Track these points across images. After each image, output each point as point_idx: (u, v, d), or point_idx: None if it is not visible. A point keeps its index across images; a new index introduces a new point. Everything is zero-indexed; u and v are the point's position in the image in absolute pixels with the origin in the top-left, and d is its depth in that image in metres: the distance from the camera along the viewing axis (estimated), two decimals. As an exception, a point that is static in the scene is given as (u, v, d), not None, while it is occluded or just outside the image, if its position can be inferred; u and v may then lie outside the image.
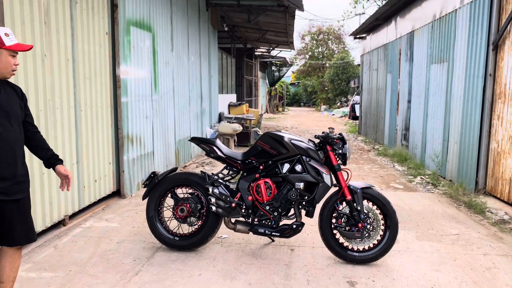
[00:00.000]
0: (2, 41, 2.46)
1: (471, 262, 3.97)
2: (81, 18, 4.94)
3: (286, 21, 12.94)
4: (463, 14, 7.03)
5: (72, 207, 4.81)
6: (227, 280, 3.49)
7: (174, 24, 8.05)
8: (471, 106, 6.66)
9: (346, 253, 3.85)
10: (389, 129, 11.73)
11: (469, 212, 5.62)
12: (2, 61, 2.49)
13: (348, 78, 31.76)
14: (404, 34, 10.42)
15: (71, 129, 4.77)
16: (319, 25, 39.37)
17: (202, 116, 10.46)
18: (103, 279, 3.45)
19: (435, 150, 8.03)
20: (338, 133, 4.03)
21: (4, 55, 2.49)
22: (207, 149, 4.08)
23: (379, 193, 3.86)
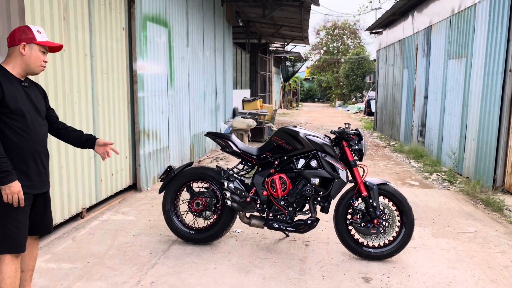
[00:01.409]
0: (34, 36, 2.55)
1: (489, 260, 3.92)
2: (98, 14, 5.00)
3: (301, 16, 12.88)
4: (483, 8, 6.90)
5: (89, 200, 4.89)
6: (242, 274, 3.52)
7: (190, 20, 8.08)
8: (490, 103, 6.55)
9: (361, 249, 3.84)
10: (405, 125, 11.61)
11: (486, 210, 5.55)
12: (33, 55, 2.56)
13: (364, 74, 31.47)
14: (421, 29, 10.28)
15: (89, 123, 4.84)
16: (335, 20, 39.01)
17: (217, 111, 10.50)
18: (120, 271, 3.51)
19: (452, 147, 7.93)
20: (354, 128, 4.01)
21: (34, 49, 2.56)
22: (223, 144, 4.11)
23: (395, 190, 3.84)
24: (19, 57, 2.54)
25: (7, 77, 2.50)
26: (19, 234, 2.51)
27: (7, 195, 2.41)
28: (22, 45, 2.52)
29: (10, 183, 2.40)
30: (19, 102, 2.51)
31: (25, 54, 2.54)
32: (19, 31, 2.55)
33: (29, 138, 2.55)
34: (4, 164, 2.39)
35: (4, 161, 2.39)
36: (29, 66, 2.57)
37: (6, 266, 2.51)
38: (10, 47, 2.57)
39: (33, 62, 2.57)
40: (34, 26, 2.59)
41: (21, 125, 2.51)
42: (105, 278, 3.38)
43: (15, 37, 2.54)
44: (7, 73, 2.52)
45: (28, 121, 2.54)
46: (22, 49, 2.53)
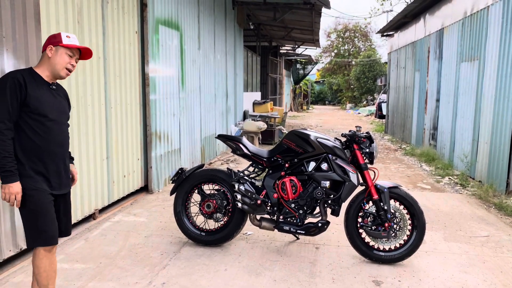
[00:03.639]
0: (61, 40, 2.62)
1: (501, 264, 3.88)
2: (112, 17, 5.07)
3: (312, 18, 12.88)
4: (496, 10, 6.84)
5: (102, 201, 4.95)
6: (252, 276, 3.53)
7: (201, 23, 8.14)
8: (503, 106, 6.47)
9: (372, 253, 3.83)
10: (417, 128, 11.52)
11: (499, 214, 5.49)
12: (58, 58, 2.62)
13: (375, 76, 31.31)
14: (433, 31, 10.21)
15: (102, 126, 4.90)
16: (346, 22, 38.93)
17: (227, 113, 10.54)
18: (132, 272, 3.55)
19: (464, 150, 7.85)
20: (365, 131, 4.00)
21: (60, 52, 2.62)
22: (234, 146, 4.13)
23: (406, 193, 3.82)
24: (46, 60, 2.62)
25: (35, 79, 2.57)
26: (51, 227, 2.59)
27: (5, 194, 2.46)
28: (49, 48, 2.61)
29: (10, 183, 2.45)
30: (43, 104, 2.56)
31: (51, 57, 2.61)
32: (50, 37, 2.66)
33: (49, 139, 2.60)
34: (9, 164, 2.44)
35: (10, 161, 2.44)
36: (55, 69, 2.62)
37: (41, 260, 2.59)
38: (42, 52, 2.67)
39: (58, 64, 2.62)
40: (65, 32, 2.69)
41: (42, 126, 2.56)
42: (117, 279, 3.42)
43: (46, 42, 2.65)
44: (36, 75, 2.59)
45: (49, 122, 2.60)
46: (49, 51, 2.61)
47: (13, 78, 2.48)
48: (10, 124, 2.47)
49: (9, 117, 2.45)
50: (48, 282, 2.64)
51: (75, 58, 2.71)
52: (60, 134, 2.69)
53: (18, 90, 2.47)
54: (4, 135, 2.43)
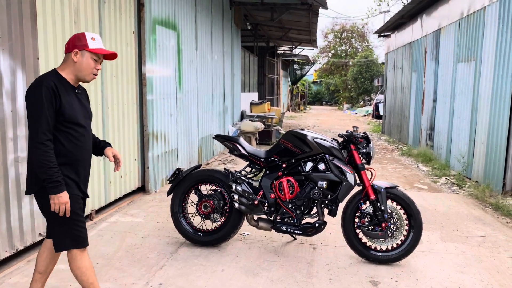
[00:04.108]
0: (87, 43, 2.54)
1: (498, 264, 3.89)
2: (108, 18, 5.06)
3: (309, 19, 12.89)
4: (492, 11, 6.87)
5: (98, 202, 4.94)
6: (250, 277, 3.53)
7: (199, 23, 8.14)
8: (500, 106, 6.50)
9: (369, 253, 3.83)
10: (414, 129, 11.55)
11: (496, 214, 5.50)
12: (84, 62, 2.55)
13: (372, 77, 31.36)
14: (430, 32, 10.24)
15: (98, 126, 4.89)
16: (343, 23, 38.96)
17: (225, 114, 10.54)
18: (128, 273, 3.54)
19: (461, 151, 7.87)
20: (362, 132, 4.01)
21: (86, 57, 2.55)
22: (231, 146, 4.13)
23: (403, 193, 3.83)
24: (71, 64, 2.55)
25: (63, 84, 2.51)
26: (84, 231, 2.61)
27: (55, 205, 2.43)
28: (74, 52, 2.52)
29: (59, 193, 2.42)
30: (74, 110, 2.53)
31: (76, 61, 2.54)
32: (74, 38, 2.56)
33: (81, 146, 2.59)
34: (55, 174, 2.40)
35: (56, 171, 2.41)
36: (81, 73, 2.57)
37: (81, 260, 2.61)
38: (66, 53, 2.58)
39: (84, 70, 2.56)
40: (89, 33, 2.59)
41: (75, 133, 2.54)
42: (114, 280, 3.41)
43: (70, 43, 2.55)
44: (63, 80, 2.53)
45: (81, 129, 2.58)
46: (74, 56, 2.53)
47: (47, 86, 2.40)
48: (50, 135, 2.42)
49: (48, 127, 2.41)
50: (94, 278, 2.67)
51: (100, 61, 2.65)
52: (89, 140, 2.69)
53: (53, 98, 2.42)
54: (47, 146, 2.39)
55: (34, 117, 2.40)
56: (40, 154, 2.37)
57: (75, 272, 2.62)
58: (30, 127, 2.42)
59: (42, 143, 2.38)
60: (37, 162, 2.39)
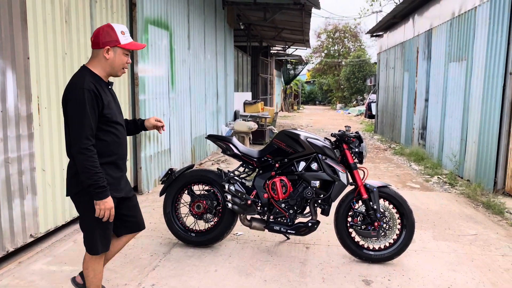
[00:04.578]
0: (118, 39, 2.47)
1: (489, 263, 3.92)
2: (100, 17, 5.02)
3: (302, 19, 12.91)
4: (483, 11, 6.92)
5: (90, 202, 4.90)
6: (243, 277, 3.52)
7: (191, 23, 8.11)
8: (490, 105, 6.55)
9: (361, 252, 3.84)
10: (406, 128, 11.61)
11: (487, 213, 5.55)
12: (116, 59, 2.50)
13: (364, 77, 31.49)
14: (422, 32, 10.30)
15: (90, 126, 4.85)
16: (335, 23, 39.07)
17: (218, 114, 10.52)
18: (121, 274, 3.52)
19: (453, 150, 7.93)
20: (355, 131, 4.02)
21: (118, 53, 2.50)
22: (224, 146, 4.12)
23: (395, 192, 3.84)
24: (103, 60, 2.48)
25: (100, 83, 2.47)
26: (110, 236, 2.63)
27: (100, 210, 2.42)
28: (106, 49, 2.46)
29: (104, 198, 2.40)
30: (112, 109, 2.51)
31: (108, 58, 2.48)
32: (103, 33, 2.46)
33: (121, 143, 2.59)
34: (101, 180, 2.37)
35: (101, 176, 2.37)
36: (113, 69, 2.53)
37: (98, 264, 2.64)
38: (94, 49, 2.50)
39: (117, 66, 2.52)
40: (117, 25, 2.51)
41: (115, 131, 2.53)
42: (106, 281, 3.38)
43: (100, 39, 2.45)
44: (97, 78, 2.48)
45: (119, 127, 2.57)
46: (106, 53, 2.47)
47: (89, 90, 2.36)
48: (93, 139, 2.39)
49: (91, 132, 2.37)
50: (100, 283, 2.71)
51: (130, 54, 2.61)
52: (125, 136, 2.67)
53: (95, 102, 2.39)
54: (91, 151, 2.35)
55: (76, 122, 2.34)
56: (84, 160, 2.33)
57: (86, 271, 2.65)
58: (72, 131, 2.36)
59: (86, 149, 2.34)
60: (82, 168, 2.34)
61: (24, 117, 3.75)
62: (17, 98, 3.67)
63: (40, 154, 3.99)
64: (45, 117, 4.04)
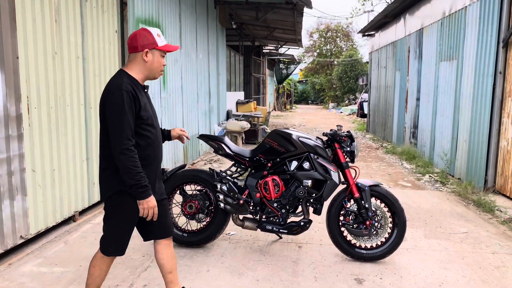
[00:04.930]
0: (155, 42, 2.51)
1: (480, 260, 3.95)
2: (91, 16, 4.99)
3: (294, 18, 12.91)
4: (473, 11, 6.98)
5: (82, 203, 4.87)
6: (235, 276, 3.52)
7: (183, 22, 8.09)
8: (481, 104, 6.61)
9: (353, 251, 3.86)
10: (398, 127, 11.68)
11: (478, 211, 5.59)
12: (155, 61, 2.53)
13: (357, 76, 31.61)
14: (413, 31, 10.36)
15: (81, 127, 4.82)
16: (328, 22, 39.19)
17: (210, 113, 10.50)
18: (113, 274, 3.49)
19: (444, 148, 7.99)
20: (346, 130, 4.03)
21: (156, 55, 2.53)
22: (216, 146, 4.11)
23: (387, 191, 3.86)
24: (141, 63, 2.51)
25: (137, 86, 2.48)
26: (126, 242, 2.62)
27: (143, 210, 2.44)
28: (145, 52, 2.49)
29: (147, 198, 2.42)
30: (148, 112, 2.53)
31: (148, 61, 2.51)
32: (140, 36, 2.50)
33: (156, 147, 2.59)
34: (143, 179, 2.39)
35: (142, 175, 2.39)
36: (152, 72, 2.56)
37: (106, 265, 2.64)
38: (132, 52, 2.53)
39: (156, 68, 2.55)
40: (153, 28, 2.55)
41: (151, 135, 2.54)
42: (98, 282, 3.36)
43: (138, 43, 2.49)
44: (136, 82, 2.50)
45: (154, 130, 2.57)
46: (145, 56, 2.49)
47: (127, 91, 2.38)
48: (134, 140, 2.41)
49: (131, 133, 2.39)
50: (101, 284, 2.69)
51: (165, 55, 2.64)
52: (161, 140, 2.68)
53: (133, 103, 2.41)
54: (132, 151, 2.37)
55: (116, 123, 2.36)
56: (126, 160, 2.34)
57: (92, 269, 2.63)
58: (113, 133, 2.38)
59: (127, 149, 2.35)
60: (124, 168, 2.36)
61: (13, 117, 3.71)
62: (6, 98, 3.63)
63: (30, 154, 3.95)
64: (35, 117, 4.00)
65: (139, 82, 2.54)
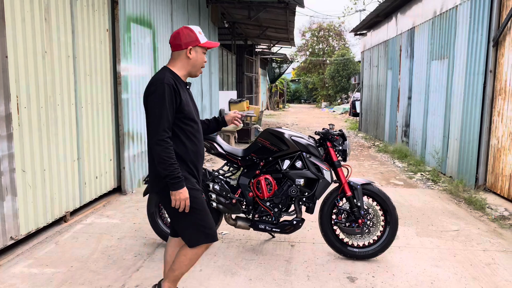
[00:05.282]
0: (198, 39, 2.59)
1: (471, 258, 3.98)
2: (81, 15, 4.94)
3: (286, 17, 12.92)
4: (464, 10, 7.02)
5: (73, 203, 4.83)
6: (228, 276, 3.51)
7: (175, 21, 8.05)
8: (472, 103, 6.66)
9: (346, 249, 3.87)
10: (390, 126, 11.73)
11: (469, 208, 5.64)
12: (198, 58, 2.62)
13: (349, 75, 31.72)
14: (405, 30, 10.41)
15: (72, 126, 4.78)
16: (320, 21, 39.29)
17: (203, 113, 10.46)
18: (104, 275, 3.47)
19: (435, 147, 8.04)
20: (338, 129, 4.04)
21: (199, 52, 2.62)
22: (208, 145, 4.09)
23: (379, 189, 3.87)
24: (185, 60, 2.60)
25: (179, 82, 2.55)
26: (212, 224, 2.66)
27: (175, 201, 2.47)
28: (188, 50, 2.57)
29: (180, 189, 2.45)
30: (190, 106, 2.58)
31: (191, 58, 2.59)
32: (183, 34, 2.57)
33: (198, 142, 2.64)
34: (176, 171, 2.43)
35: (176, 167, 2.44)
36: (194, 69, 2.64)
37: (196, 255, 2.65)
38: (175, 51, 2.60)
39: (198, 64, 2.64)
40: (194, 26, 2.62)
41: (192, 129, 2.60)
42: (89, 283, 3.34)
43: (181, 41, 2.56)
44: (178, 78, 2.57)
45: (195, 125, 2.62)
46: (189, 53, 2.57)
47: (168, 84, 2.45)
48: (170, 132, 2.47)
49: (169, 125, 2.46)
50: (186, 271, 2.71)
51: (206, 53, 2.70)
52: (202, 135, 2.72)
53: (174, 97, 2.47)
54: (168, 143, 2.43)
55: (155, 114, 2.44)
56: (161, 151, 2.41)
57: (181, 258, 2.63)
58: (151, 124, 2.45)
59: (163, 140, 2.42)
60: (159, 159, 2.42)
61: (2, 117, 3.67)
62: (-5, 98, 3.59)
63: (20, 154, 3.91)
64: (25, 117, 3.96)
65: (182, 78, 2.61)
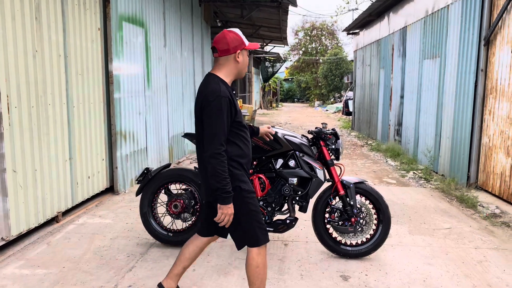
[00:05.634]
0: (244, 41, 2.59)
1: (463, 255, 4.01)
2: (72, 14, 4.90)
3: (279, 16, 12.92)
4: (455, 9, 7.07)
5: (65, 203, 4.79)
6: (221, 275, 3.50)
7: (167, 20, 8.02)
8: (463, 102, 6.70)
9: (339, 248, 3.88)
10: (382, 125, 11.78)
11: (461, 206, 5.68)
12: (245, 61, 2.62)
13: (342, 74, 31.80)
14: (397, 29, 10.45)
15: (64, 126, 4.74)
16: (313, 20, 39.32)
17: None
18: (97, 276, 3.45)
19: (428, 145, 8.09)
20: (331, 128, 4.05)
21: (244, 55, 2.62)
22: (201, 145, 4.08)
23: (371, 188, 3.89)
24: (233, 65, 2.59)
25: (229, 90, 2.52)
26: (265, 226, 2.69)
27: (222, 215, 2.48)
28: (237, 54, 2.56)
29: (229, 204, 2.47)
30: (240, 113, 2.58)
31: (240, 62, 2.59)
32: (230, 38, 2.55)
33: (250, 145, 2.69)
34: (228, 185, 2.44)
35: (228, 181, 2.45)
36: (241, 72, 2.64)
37: (264, 257, 2.65)
38: (223, 55, 2.56)
39: (244, 67, 2.64)
40: (235, 29, 2.61)
41: (245, 134, 2.62)
42: (81, 283, 3.32)
43: (229, 45, 2.54)
44: (228, 86, 2.55)
45: (246, 130, 2.63)
46: (238, 57, 2.57)
47: (226, 97, 2.44)
48: (225, 146, 2.48)
49: (225, 138, 2.48)
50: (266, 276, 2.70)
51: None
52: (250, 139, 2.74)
53: (230, 109, 2.48)
54: (223, 156, 2.44)
55: (214, 128, 2.44)
56: (217, 164, 2.41)
57: (253, 270, 2.62)
58: (207, 137, 2.45)
59: (219, 153, 2.42)
60: (213, 171, 2.42)
61: (-7, 116, 3.63)
62: (-15, 97, 3.55)
63: (11, 154, 3.87)
64: (15, 117, 3.92)
65: (229, 84, 2.59)
